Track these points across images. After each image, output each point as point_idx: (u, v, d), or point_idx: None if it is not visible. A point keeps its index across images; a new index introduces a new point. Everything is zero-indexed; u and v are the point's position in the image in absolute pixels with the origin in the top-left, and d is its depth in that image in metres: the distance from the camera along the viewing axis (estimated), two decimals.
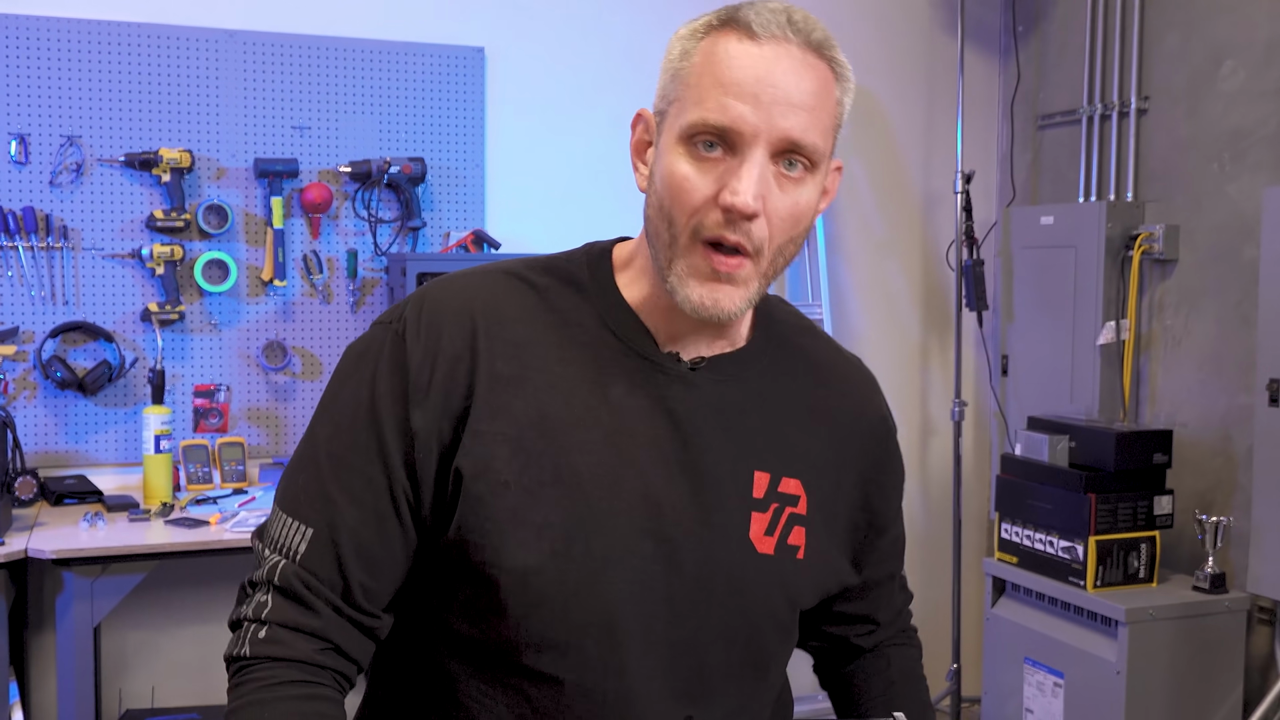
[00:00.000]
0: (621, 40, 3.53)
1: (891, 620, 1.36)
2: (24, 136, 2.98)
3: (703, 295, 1.05)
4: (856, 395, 1.26)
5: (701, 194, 1.03)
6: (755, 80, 1.01)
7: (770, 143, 1.02)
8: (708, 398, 1.13)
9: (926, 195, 3.94)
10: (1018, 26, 3.89)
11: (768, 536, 1.15)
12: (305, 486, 1.10)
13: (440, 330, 1.09)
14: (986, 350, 3.87)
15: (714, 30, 1.05)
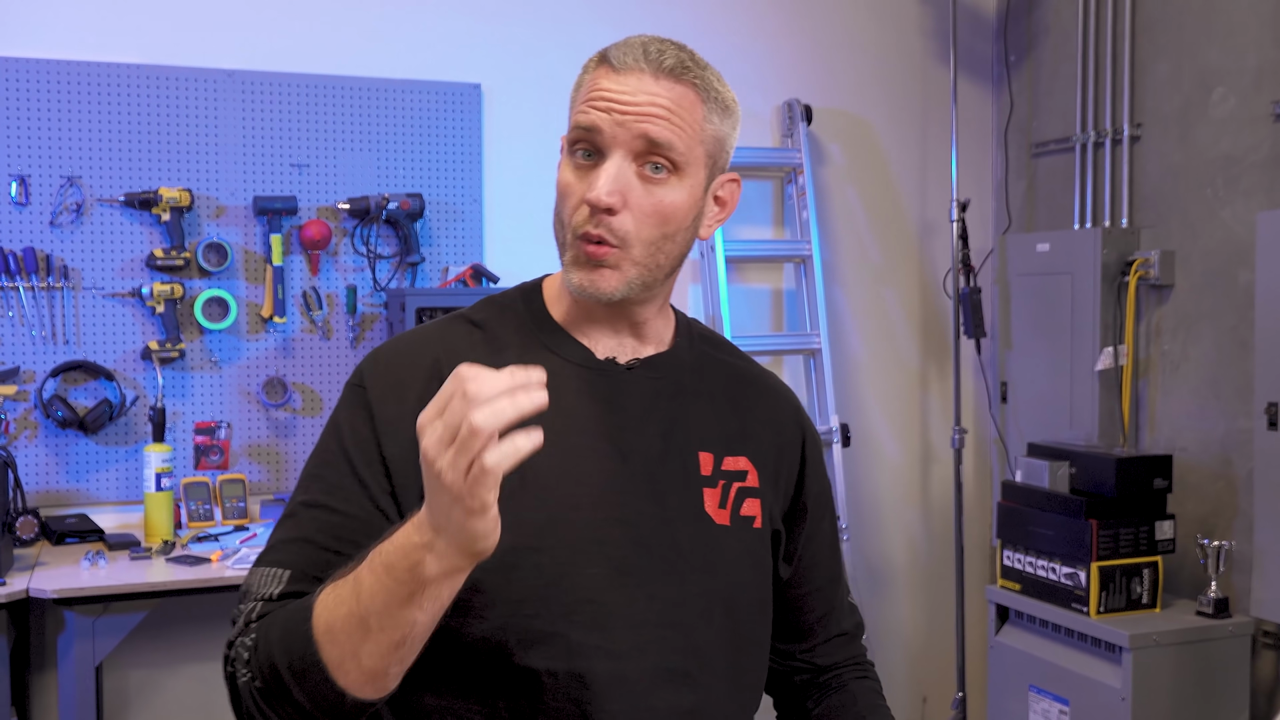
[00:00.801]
0: None
1: (845, 643, 1.41)
2: (24, 177, 3.00)
3: (581, 279, 1.18)
4: (782, 406, 1.36)
5: (577, 196, 1.18)
6: (610, 97, 1.16)
7: (626, 145, 1.16)
8: (646, 392, 1.25)
9: (922, 224, 3.96)
10: (1010, 56, 3.92)
11: (721, 509, 1.25)
12: (283, 538, 1.16)
13: (400, 369, 1.21)
14: (985, 377, 3.88)
15: (596, 65, 1.21)
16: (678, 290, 3.61)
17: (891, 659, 3.91)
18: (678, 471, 1.23)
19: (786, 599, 1.35)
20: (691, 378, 1.29)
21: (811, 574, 1.36)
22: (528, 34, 3.47)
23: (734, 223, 3.65)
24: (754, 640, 1.28)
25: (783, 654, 1.38)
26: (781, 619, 1.35)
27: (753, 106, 3.72)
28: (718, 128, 1.21)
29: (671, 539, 1.21)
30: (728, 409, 1.30)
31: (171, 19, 3.12)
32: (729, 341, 1.40)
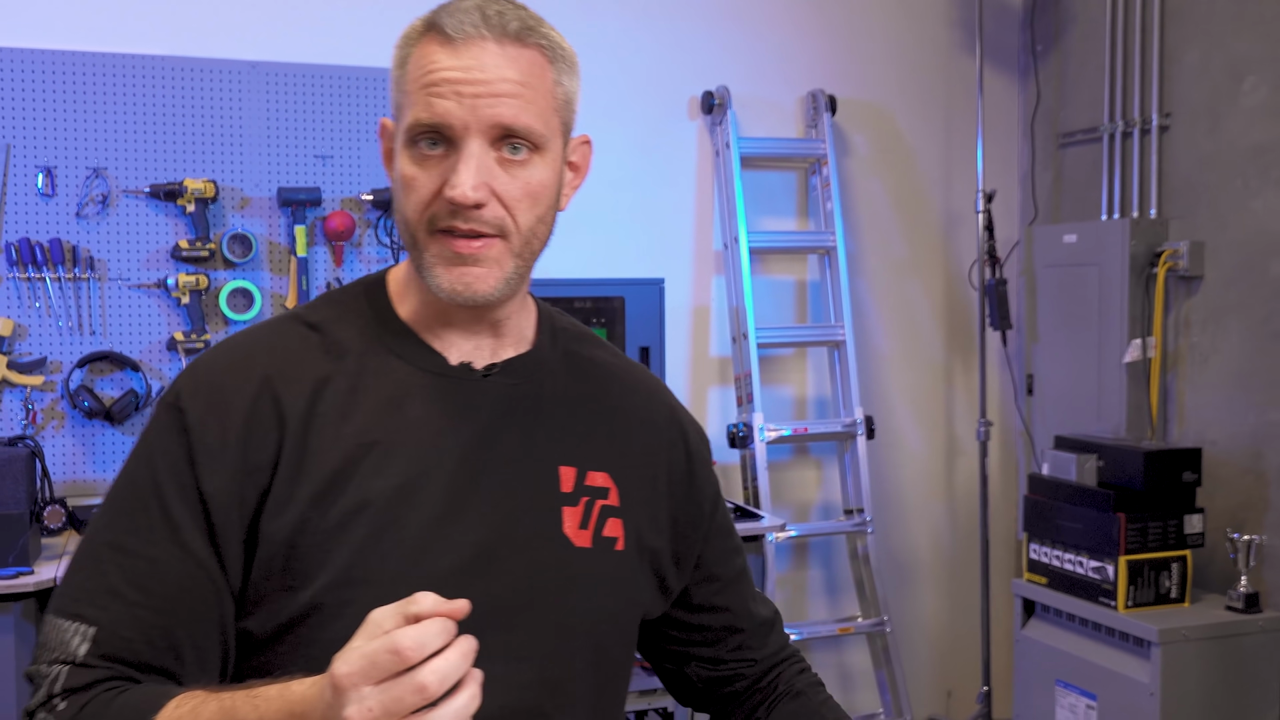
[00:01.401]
0: (638, 64, 3.54)
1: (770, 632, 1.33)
2: (51, 169, 3.00)
3: (452, 280, 1.06)
4: (650, 400, 1.26)
5: (429, 189, 1.05)
6: (455, 80, 1.04)
7: (482, 132, 1.04)
8: (503, 402, 1.14)
9: (947, 215, 3.93)
10: (1036, 46, 3.89)
11: (583, 530, 1.14)
12: (84, 585, 1.03)
13: (223, 388, 1.07)
14: (1011, 370, 3.85)
15: (421, 36, 1.07)
16: (702, 283, 3.62)
17: (916, 653, 3.89)
18: (535, 489, 1.12)
19: (704, 605, 1.27)
20: (554, 381, 1.18)
21: (723, 571, 1.28)
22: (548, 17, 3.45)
23: (758, 214, 3.64)
24: (618, 670, 1.19)
25: (712, 660, 1.29)
26: (703, 626, 1.28)
27: (776, 97, 3.70)
28: (567, 88, 1.11)
29: (526, 566, 1.10)
30: (594, 415, 1.19)
31: (196, 10, 3.12)
32: (594, 334, 1.29)
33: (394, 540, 1.05)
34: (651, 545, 1.20)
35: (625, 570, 1.17)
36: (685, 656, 1.30)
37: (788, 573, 3.75)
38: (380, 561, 1.04)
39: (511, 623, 1.09)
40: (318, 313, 1.15)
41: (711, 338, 3.66)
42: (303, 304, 1.17)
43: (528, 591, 1.10)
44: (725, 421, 3.60)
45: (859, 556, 3.67)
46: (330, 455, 1.06)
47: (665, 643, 1.30)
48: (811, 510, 3.80)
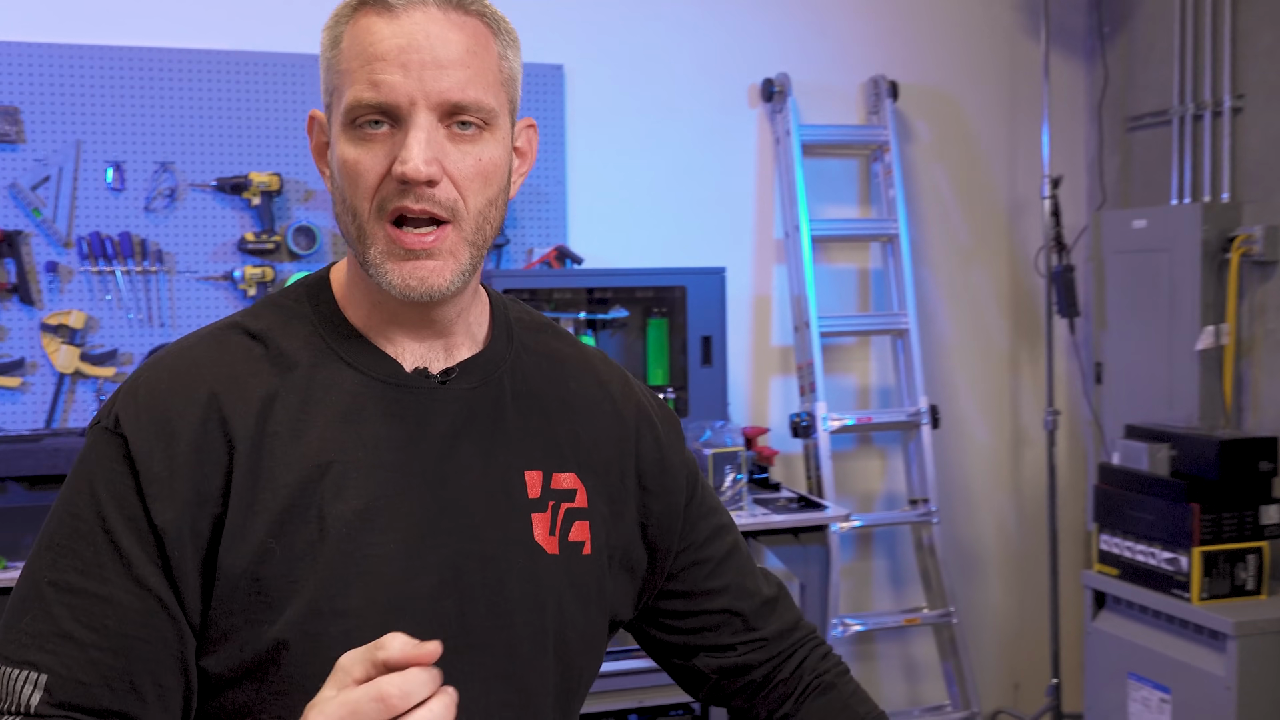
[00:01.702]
0: (697, 53, 3.52)
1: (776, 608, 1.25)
2: (120, 164, 3.05)
3: (404, 275, 0.99)
4: (614, 391, 1.20)
5: (375, 172, 0.98)
6: (399, 50, 0.97)
7: (430, 106, 0.97)
8: (463, 409, 1.07)
9: (1012, 201, 3.86)
10: (1104, 28, 3.81)
11: (551, 536, 1.09)
12: (29, 629, 0.95)
13: (168, 411, 0.99)
14: (1079, 358, 3.78)
15: (355, 12, 1.00)
16: (763, 272, 3.60)
17: (982, 644, 3.84)
18: (501, 498, 1.06)
19: (697, 590, 1.21)
20: (513, 379, 1.11)
21: (710, 553, 1.22)
22: (609, 13, 3.45)
23: (819, 202, 3.60)
24: (582, 678, 1.14)
25: (719, 648, 1.23)
26: (701, 611, 1.22)
27: (837, 83, 3.66)
28: (511, 64, 1.04)
29: (497, 579, 1.05)
30: (556, 412, 1.13)
31: (261, 5, 3.15)
32: (547, 320, 1.22)
33: (359, 568, 0.99)
34: (622, 544, 1.16)
35: (592, 575, 1.12)
36: (691, 649, 1.24)
37: (852, 563, 3.72)
38: (346, 591, 0.99)
39: (487, 641, 1.04)
40: (260, 320, 1.06)
41: (773, 327, 3.63)
42: (241, 310, 1.09)
43: (502, 607, 1.05)
44: (788, 411, 3.57)
45: (924, 547, 3.63)
46: (285, 478, 0.99)
47: (668, 637, 1.24)
48: (875, 500, 3.76)
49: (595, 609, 1.13)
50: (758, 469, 3.27)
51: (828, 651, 1.28)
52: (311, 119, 1.06)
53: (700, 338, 3.17)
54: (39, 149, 2.98)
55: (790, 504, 3.09)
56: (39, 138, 2.98)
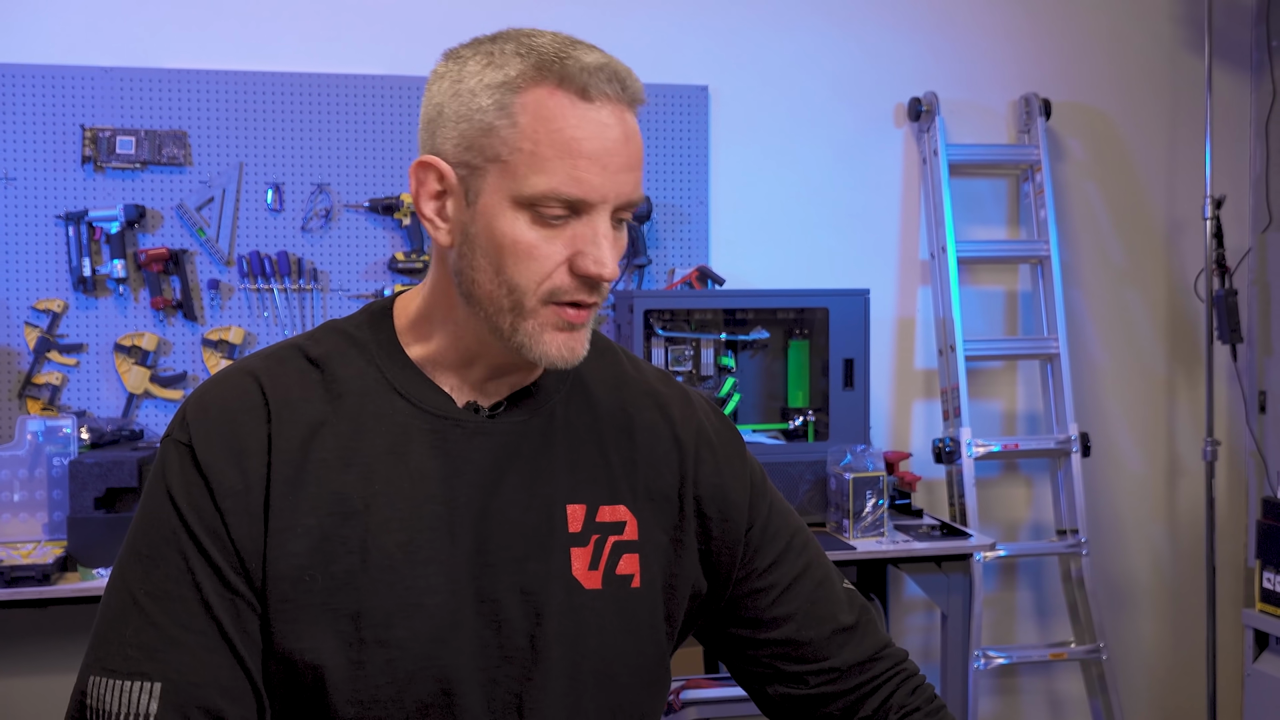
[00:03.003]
0: (842, 73, 3.49)
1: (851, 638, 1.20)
2: (279, 185, 3.16)
3: (560, 348, 1.03)
4: (670, 411, 1.18)
5: (553, 261, 1.00)
6: (603, 152, 0.98)
7: (614, 206, 1.01)
8: (508, 443, 1.08)
9: (1171, 222, 3.72)
10: (1271, 41, 3.65)
11: (592, 571, 1.09)
12: (134, 640, 0.98)
13: (229, 423, 1.03)
14: (1242, 386, 3.62)
15: (534, 84, 0.98)
16: (907, 294, 3.54)
17: (1134, 684, 3.69)
18: (542, 532, 1.07)
19: (761, 619, 1.18)
20: (565, 408, 1.12)
21: (775, 579, 1.18)
22: (754, 34, 3.44)
23: (966, 222, 3.53)
24: (637, 711, 1.13)
25: (791, 678, 1.19)
26: (768, 640, 1.18)
27: (987, 102, 3.59)
28: None
29: (536, 613, 1.06)
30: (609, 441, 1.13)
31: (411, 31, 3.23)
32: (615, 345, 1.22)
33: (401, 600, 1.02)
34: (684, 572, 1.15)
35: (642, 608, 1.11)
36: (761, 676, 1.20)
37: (995, 593, 3.62)
38: (389, 621, 1.01)
39: (527, 674, 1.05)
40: (320, 345, 1.09)
41: (917, 350, 3.57)
42: (306, 333, 1.12)
43: (542, 641, 1.06)
44: (930, 436, 3.50)
45: (1072, 579, 3.51)
46: (328, 506, 1.02)
47: (739, 664, 1.22)
48: (1021, 529, 3.65)
49: (649, 641, 1.12)
50: (899, 495, 3.21)
51: (920, 684, 1.22)
52: (425, 167, 1.03)
53: (842, 360, 3.13)
54: (204, 171, 3.12)
55: (932, 531, 3.02)
56: (204, 160, 3.12)
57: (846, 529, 2.92)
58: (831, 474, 2.99)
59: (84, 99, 3.05)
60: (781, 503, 1.24)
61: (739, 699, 2.61)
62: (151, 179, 3.09)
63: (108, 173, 3.07)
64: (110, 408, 3.08)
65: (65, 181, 3.05)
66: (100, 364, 3.08)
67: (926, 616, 3.48)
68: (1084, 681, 3.55)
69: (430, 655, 1.02)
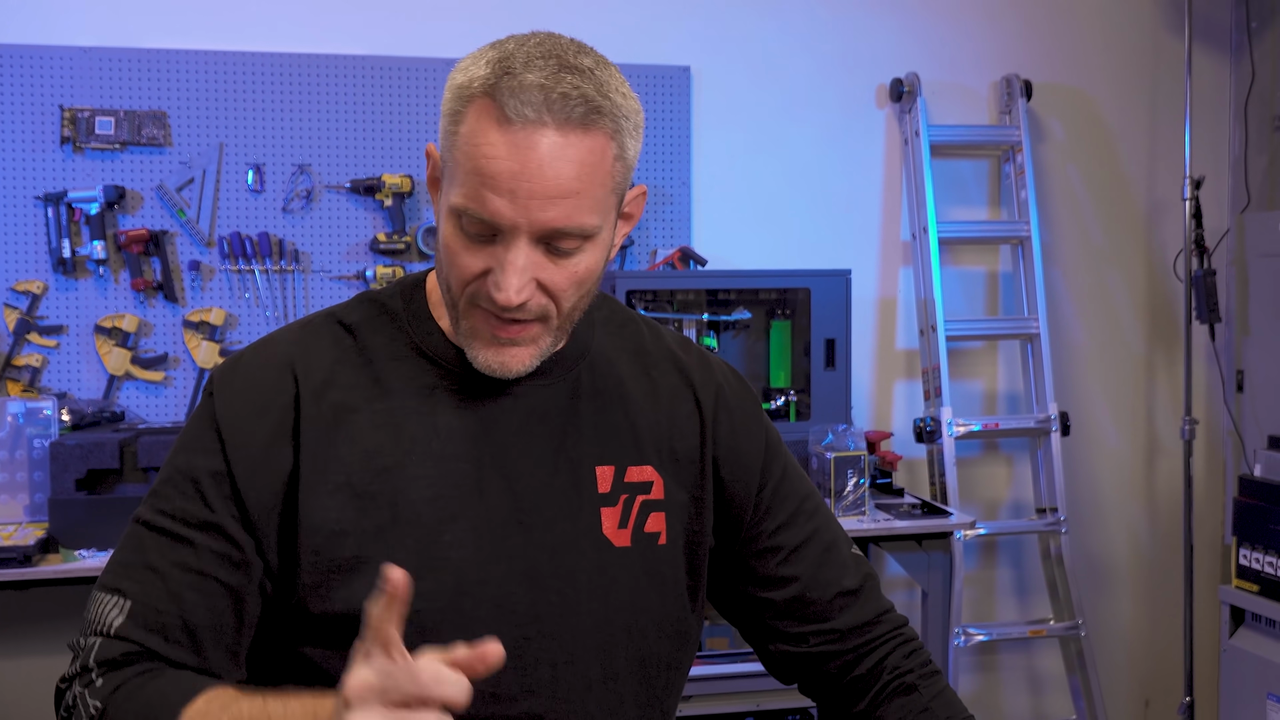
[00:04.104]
0: (825, 53, 3.49)
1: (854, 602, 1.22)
2: (260, 166, 3.14)
3: (489, 358, 1.05)
4: (691, 375, 1.21)
5: (471, 270, 1.02)
6: (510, 175, 0.97)
7: (532, 234, 0.99)
8: (535, 406, 1.12)
9: (1151, 203, 3.73)
10: (1251, 23, 3.66)
11: (621, 529, 1.12)
12: (124, 561, 1.06)
13: (254, 387, 1.08)
14: (1220, 365, 3.64)
15: (480, 96, 0.99)
16: (889, 274, 3.54)
17: (1112, 659, 3.72)
18: (570, 492, 1.11)
19: (770, 578, 1.20)
20: (591, 375, 1.15)
21: (785, 540, 1.21)
22: (736, 15, 3.43)
23: (947, 203, 3.53)
24: (665, 663, 1.16)
25: (792, 638, 1.22)
26: (771, 601, 1.21)
27: (968, 83, 3.59)
28: (628, 159, 1.04)
29: (567, 571, 1.09)
30: (634, 406, 1.16)
31: (394, 10, 3.21)
32: (637, 316, 1.25)
33: (429, 554, 1.05)
34: (701, 529, 1.18)
35: (668, 564, 1.15)
36: (765, 634, 1.24)
37: (975, 571, 3.64)
38: (417, 575, 1.01)
39: (556, 629, 1.09)
40: (354, 313, 1.14)
41: (898, 330, 3.58)
42: (342, 302, 1.16)
43: (571, 597, 1.10)
44: (912, 415, 3.51)
45: (1051, 557, 3.53)
46: (360, 463, 1.06)
47: (743, 620, 1.25)
48: (1001, 508, 3.67)
49: (673, 596, 1.16)
50: (880, 474, 3.22)
51: (915, 649, 1.24)
52: (428, 153, 1.09)
53: (824, 340, 3.13)
54: (184, 152, 3.10)
55: (913, 510, 3.04)
56: (184, 141, 3.10)
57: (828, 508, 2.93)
58: (813, 453, 3.00)
59: (62, 79, 3.02)
60: (795, 468, 1.27)
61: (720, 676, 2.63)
62: (131, 160, 3.07)
63: (87, 153, 3.04)
64: (91, 389, 3.07)
65: (44, 162, 3.03)
66: (81, 346, 3.06)
67: (907, 594, 3.50)
68: (1063, 658, 3.57)
69: (455, 608, 1.06)
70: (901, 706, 1.19)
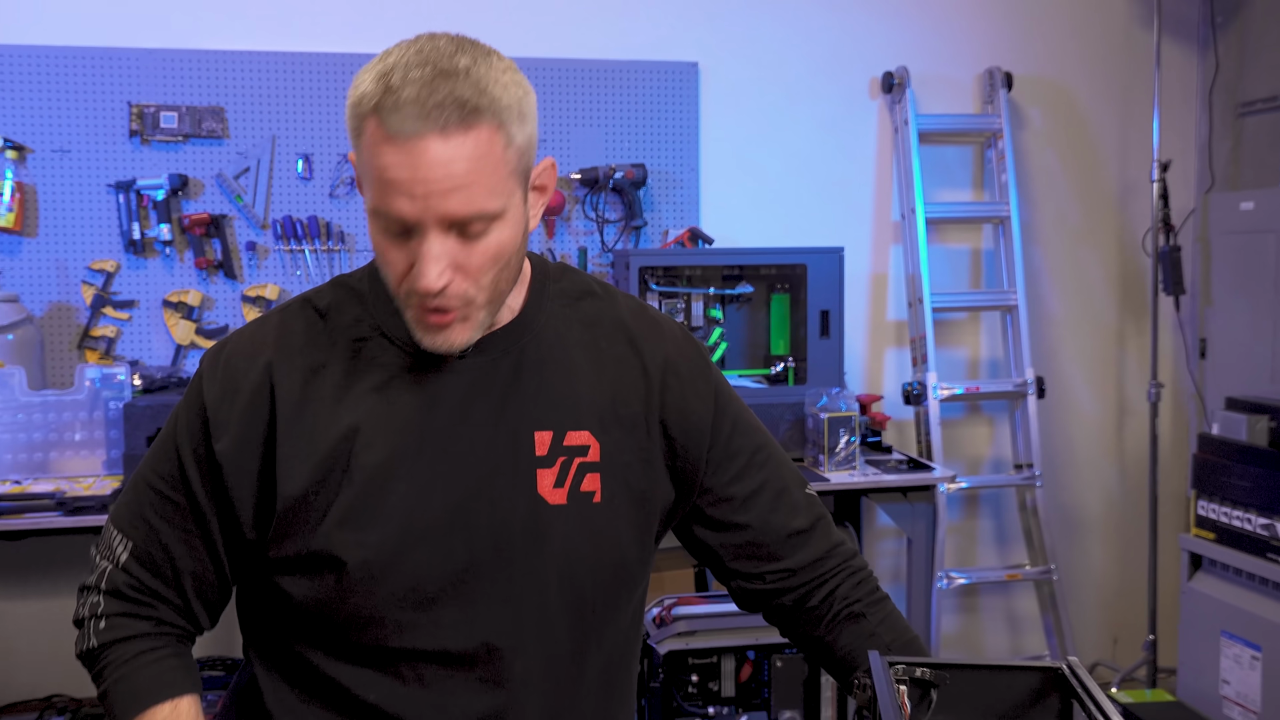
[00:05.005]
0: (823, 48, 3.51)
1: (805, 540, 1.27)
2: (309, 156, 3.20)
3: (433, 341, 1.09)
4: (640, 344, 1.23)
5: (399, 269, 1.06)
6: (407, 181, 1.00)
7: (439, 225, 1.02)
8: (477, 380, 1.15)
9: (1123, 185, 3.74)
10: (1216, 18, 3.65)
11: (557, 489, 1.16)
12: (128, 505, 1.19)
13: (236, 373, 1.14)
14: (1184, 334, 3.66)
15: (369, 114, 1.02)
16: (881, 251, 3.57)
17: (1084, 601, 3.76)
18: (509, 455, 1.15)
19: (724, 523, 1.25)
20: (536, 347, 1.18)
21: (736, 490, 1.25)
22: (740, 13, 3.45)
23: (934, 186, 3.56)
24: (602, 603, 1.20)
25: (749, 576, 1.27)
26: (727, 544, 1.26)
27: (954, 75, 3.60)
28: (522, 140, 1.06)
29: (501, 522, 1.14)
30: (578, 373, 1.19)
31: (429, 13, 3.26)
32: (593, 286, 1.25)
33: (376, 508, 1.12)
34: (646, 487, 1.21)
35: (603, 519, 1.18)
36: (726, 573, 1.29)
37: (959, 522, 3.68)
38: (369, 525, 1.12)
39: (492, 574, 1.14)
40: (326, 297, 1.18)
41: (889, 302, 3.61)
42: (317, 286, 1.21)
43: (504, 545, 1.14)
44: (901, 380, 3.55)
45: (1028, 508, 3.57)
46: (326, 433, 1.12)
47: (706, 561, 1.29)
48: (983, 465, 3.71)
49: (610, 547, 1.19)
50: (871, 433, 3.27)
51: (864, 579, 1.28)
52: (351, 160, 1.10)
53: (819, 312, 3.17)
54: (241, 144, 3.16)
55: (900, 465, 3.08)
56: (241, 134, 3.15)
57: (822, 463, 2.98)
58: (809, 414, 3.05)
59: (130, 78, 3.08)
60: (746, 421, 1.29)
61: (720, 614, 2.69)
62: (193, 151, 3.14)
63: (153, 145, 3.11)
64: (160, 357, 3.15)
65: (115, 153, 3.09)
66: (150, 318, 3.14)
67: (896, 543, 3.55)
68: (1037, 599, 3.62)
69: (401, 553, 1.12)
70: (851, 632, 1.24)
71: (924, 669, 1.02)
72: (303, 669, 1.18)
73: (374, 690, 1.14)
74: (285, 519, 1.12)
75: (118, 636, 1.16)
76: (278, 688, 1.19)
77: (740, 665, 2.77)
